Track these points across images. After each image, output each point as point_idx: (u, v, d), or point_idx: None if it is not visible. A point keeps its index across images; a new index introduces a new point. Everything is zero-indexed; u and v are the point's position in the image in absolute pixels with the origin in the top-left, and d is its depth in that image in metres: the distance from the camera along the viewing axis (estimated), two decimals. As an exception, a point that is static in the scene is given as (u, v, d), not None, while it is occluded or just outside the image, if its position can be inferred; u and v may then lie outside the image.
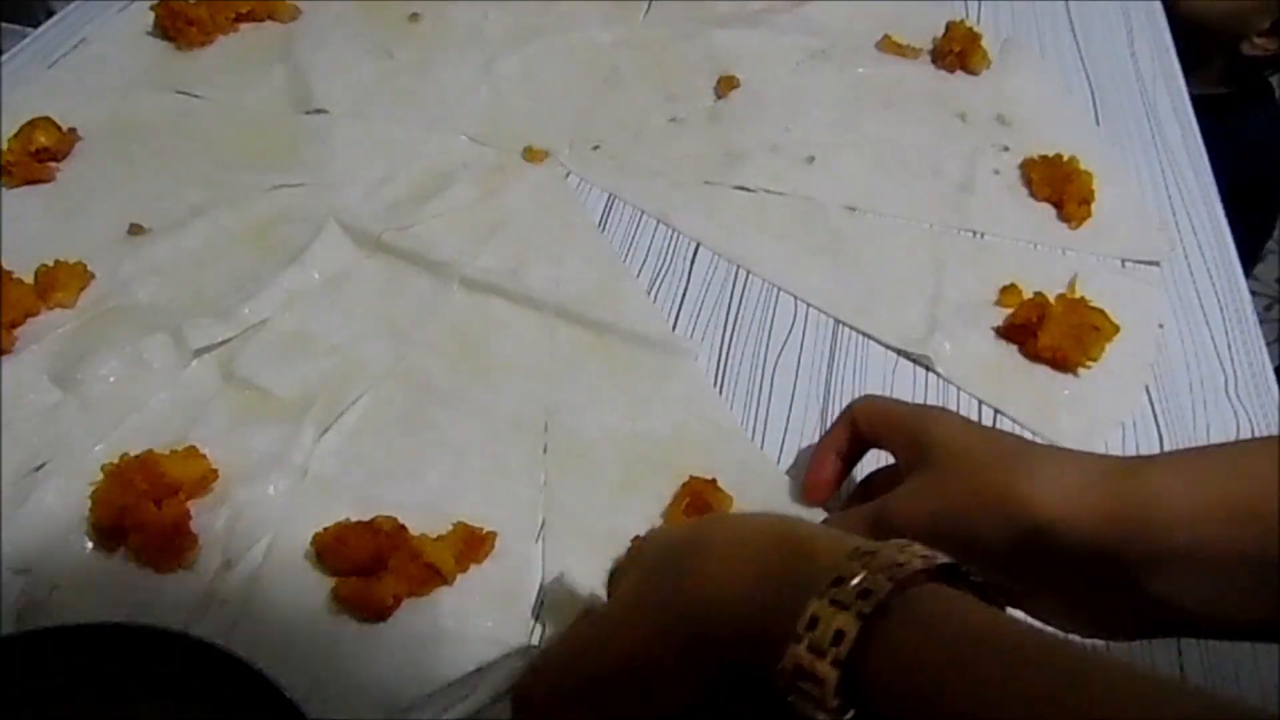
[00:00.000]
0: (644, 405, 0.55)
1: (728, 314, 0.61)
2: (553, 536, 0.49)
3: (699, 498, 0.49)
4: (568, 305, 0.59)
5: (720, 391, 0.57)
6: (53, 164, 0.65)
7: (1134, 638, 0.41)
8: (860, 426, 0.48)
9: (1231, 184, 0.76)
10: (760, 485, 0.51)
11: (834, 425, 0.50)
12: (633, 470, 0.52)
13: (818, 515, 0.49)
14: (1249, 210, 1.07)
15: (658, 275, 0.63)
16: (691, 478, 0.50)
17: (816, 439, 0.54)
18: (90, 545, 0.46)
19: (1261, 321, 0.64)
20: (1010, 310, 0.61)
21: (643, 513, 0.50)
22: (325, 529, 0.46)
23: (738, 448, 0.54)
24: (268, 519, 0.47)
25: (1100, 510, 0.36)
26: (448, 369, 0.56)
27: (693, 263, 0.64)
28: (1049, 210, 0.70)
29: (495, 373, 0.56)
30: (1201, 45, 1.24)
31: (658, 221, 0.67)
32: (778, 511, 0.48)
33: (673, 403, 0.55)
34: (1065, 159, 0.71)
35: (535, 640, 0.45)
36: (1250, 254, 1.43)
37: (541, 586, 0.47)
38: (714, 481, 0.50)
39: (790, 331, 0.60)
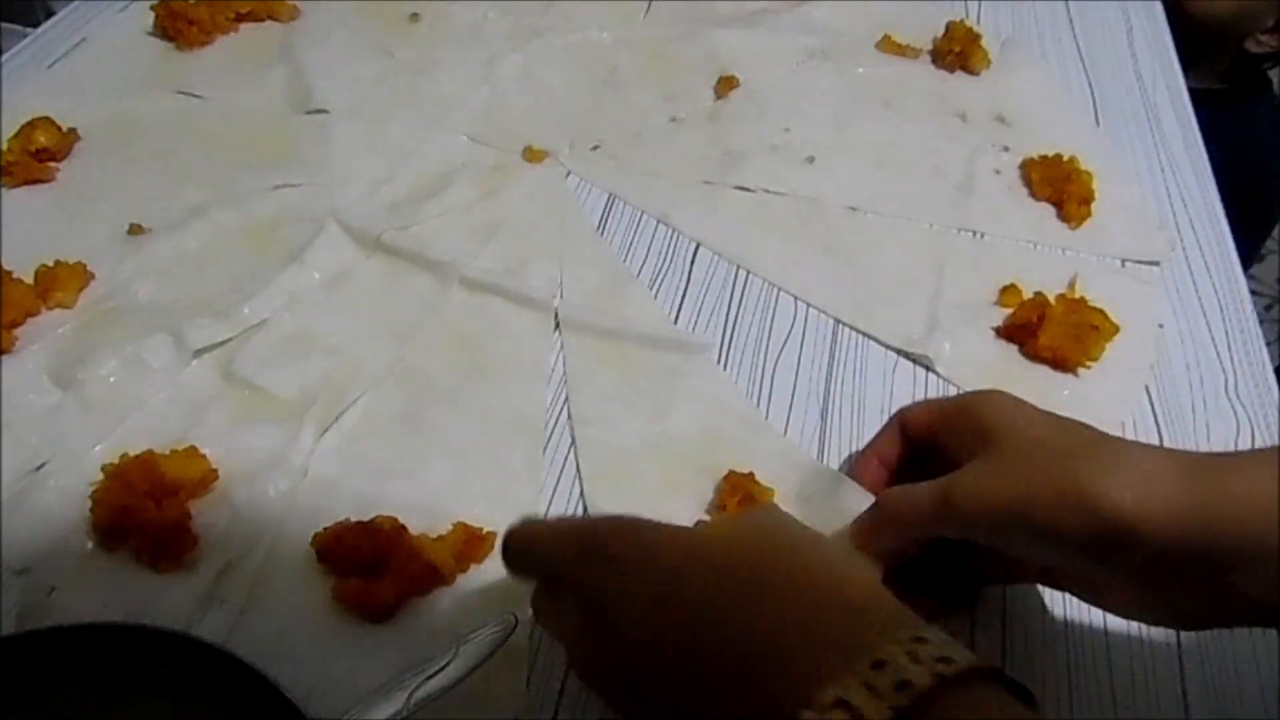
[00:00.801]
0: (667, 407, 0.54)
1: (728, 314, 0.61)
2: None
3: (744, 492, 0.49)
4: (574, 314, 0.59)
5: (720, 391, 0.57)
6: (53, 164, 0.65)
7: (1206, 628, 0.41)
8: (909, 427, 0.48)
9: (1230, 180, 0.76)
10: (795, 474, 0.51)
11: (880, 432, 0.49)
12: (670, 474, 0.51)
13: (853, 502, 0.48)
14: (1249, 207, 1.07)
15: (658, 275, 0.63)
16: (731, 472, 0.50)
17: (816, 439, 0.55)
18: (90, 545, 0.46)
19: (1261, 321, 0.64)
20: (1010, 310, 0.61)
21: (685, 514, 0.49)
22: (325, 529, 0.46)
23: (767, 439, 0.54)
24: (268, 519, 0.47)
25: (1186, 507, 0.36)
26: (448, 369, 0.56)
27: (692, 263, 0.64)
28: (1049, 210, 0.70)
29: (495, 373, 0.56)
30: (1205, 42, 1.24)
31: (658, 221, 0.67)
32: (821, 503, 0.49)
33: (695, 400, 0.55)
34: (1065, 159, 0.71)
35: (535, 640, 0.45)
36: (1250, 252, 1.43)
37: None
38: (752, 475, 0.50)
39: (790, 331, 0.60)
